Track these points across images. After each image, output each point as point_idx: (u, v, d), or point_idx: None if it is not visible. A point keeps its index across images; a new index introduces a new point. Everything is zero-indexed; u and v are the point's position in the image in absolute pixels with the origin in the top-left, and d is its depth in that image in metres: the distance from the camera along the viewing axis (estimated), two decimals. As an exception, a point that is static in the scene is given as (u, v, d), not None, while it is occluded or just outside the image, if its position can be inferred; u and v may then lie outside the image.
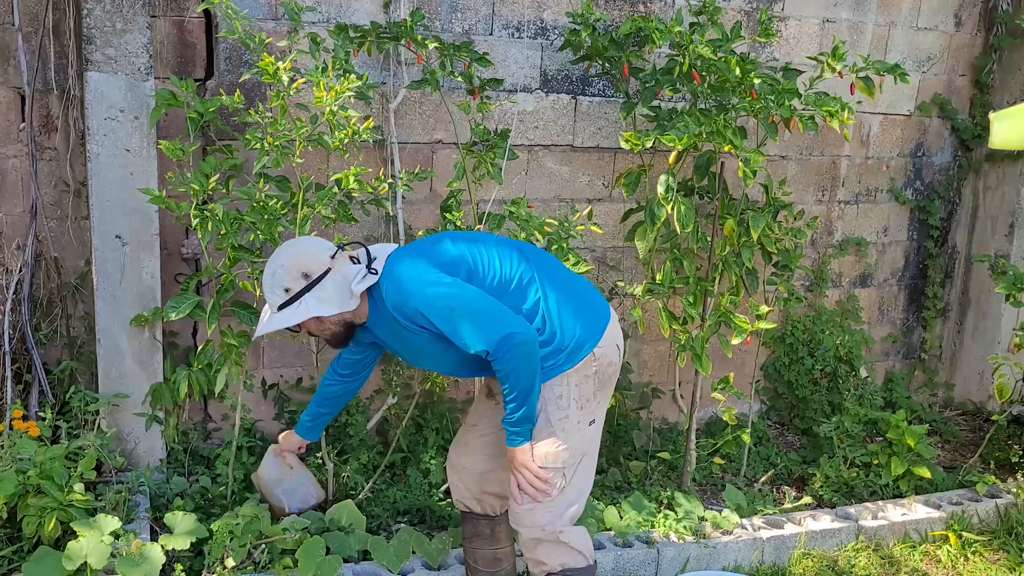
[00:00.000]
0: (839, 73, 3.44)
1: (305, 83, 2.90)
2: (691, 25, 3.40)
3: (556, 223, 3.10)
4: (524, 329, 2.27)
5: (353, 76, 2.84)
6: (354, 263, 2.43)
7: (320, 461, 3.32)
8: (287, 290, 2.37)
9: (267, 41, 2.99)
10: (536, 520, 2.43)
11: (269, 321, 2.45)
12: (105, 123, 3.02)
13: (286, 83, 2.84)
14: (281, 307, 2.40)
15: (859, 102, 3.74)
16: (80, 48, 3.06)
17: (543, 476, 2.39)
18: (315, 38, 3.07)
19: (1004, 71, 4.63)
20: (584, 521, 2.53)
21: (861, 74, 3.49)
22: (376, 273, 2.38)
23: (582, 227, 3.16)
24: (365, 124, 2.90)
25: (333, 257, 2.41)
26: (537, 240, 3.07)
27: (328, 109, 2.82)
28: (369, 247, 2.46)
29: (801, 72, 3.58)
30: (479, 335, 2.25)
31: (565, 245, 3.10)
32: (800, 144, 4.30)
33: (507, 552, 2.78)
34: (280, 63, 2.83)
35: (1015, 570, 3.39)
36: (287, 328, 2.43)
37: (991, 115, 2.50)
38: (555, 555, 2.47)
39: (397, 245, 2.51)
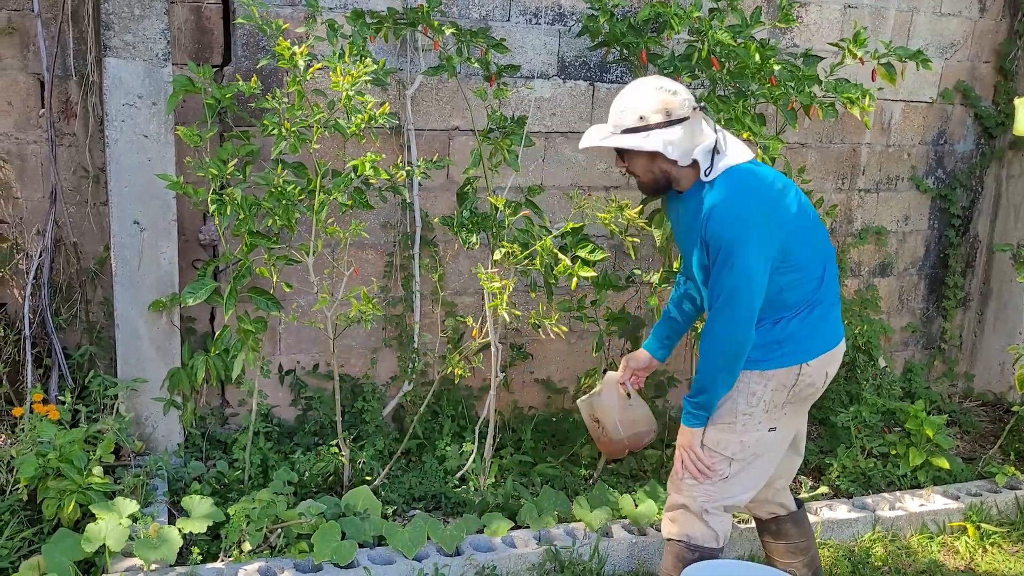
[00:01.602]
0: (860, 59, 3.40)
1: (322, 69, 2.89)
2: (710, 11, 3.36)
3: (609, 216, 3.05)
4: (746, 335, 2.36)
5: (369, 61, 2.84)
6: (710, 129, 2.44)
7: (336, 447, 3.34)
8: (642, 118, 2.39)
9: (284, 27, 2.98)
10: (693, 494, 2.53)
11: (612, 137, 2.44)
12: (123, 109, 3.03)
13: (303, 68, 2.84)
14: (627, 131, 2.41)
15: (880, 89, 3.69)
16: (99, 34, 3.07)
17: (706, 462, 2.48)
18: (333, 24, 3.07)
19: (1029, 58, 4.56)
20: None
21: (883, 60, 3.44)
22: (722, 156, 2.39)
23: (631, 214, 3.10)
24: (381, 109, 2.89)
25: (695, 110, 2.42)
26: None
27: (344, 94, 2.81)
28: (725, 132, 2.48)
29: (822, 58, 3.54)
30: (719, 299, 2.34)
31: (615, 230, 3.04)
32: (820, 132, 4.26)
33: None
34: (297, 48, 2.83)
35: (1034, 562, 3.36)
36: (617, 152, 2.47)
37: (1016, 100, 2.47)
38: (688, 525, 2.55)
39: (750, 155, 2.47)
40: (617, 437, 2.84)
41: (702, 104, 2.53)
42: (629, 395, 2.84)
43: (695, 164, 2.42)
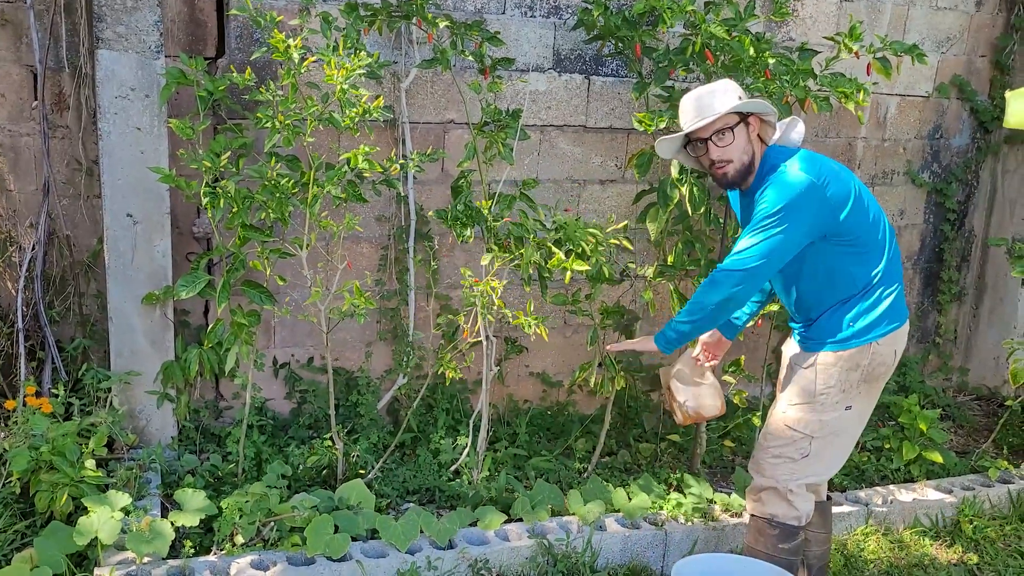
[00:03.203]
0: (856, 54, 3.39)
1: (316, 62, 2.88)
2: (706, 4, 3.36)
3: (597, 237, 3.08)
4: (742, 287, 2.50)
5: (364, 54, 2.83)
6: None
7: (330, 440, 3.34)
8: (740, 97, 2.55)
9: (278, 19, 2.97)
10: (776, 473, 2.68)
11: (739, 104, 2.52)
12: (116, 101, 3.02)
13: (297, 61, 2.83)
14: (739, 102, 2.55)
15: (875, 83, 3.69)
16: (91, 26, 3.06)
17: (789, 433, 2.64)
18: (327, 17, 3.06)
19: (1025, 52, 4.56)
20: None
21: (878, 55, 3.43)
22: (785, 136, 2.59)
23: (615, 241, 3.14)
24: (375, 103, 2.88)
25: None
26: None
27: (339, 87, 2.80)
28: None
29: (817, 52, 3.53)
30: (743, 256, 2.49)
31: (602, 259, 3.09)
32: (816, 126, 4.25)
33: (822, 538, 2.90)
34: (291, 41, 2.82)
35: (1026, 556, 3.37)
36: (711, 138, 2.55)
37: (1007, 94, 2.47)
38: (773, 504, 2.69)
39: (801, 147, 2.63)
40: (681, 406, 2.95)
41: (766, 94, 2.76)
42: (704, 373, 2.96)
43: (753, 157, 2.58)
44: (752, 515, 2.76)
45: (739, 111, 2.54)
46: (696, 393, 2.92)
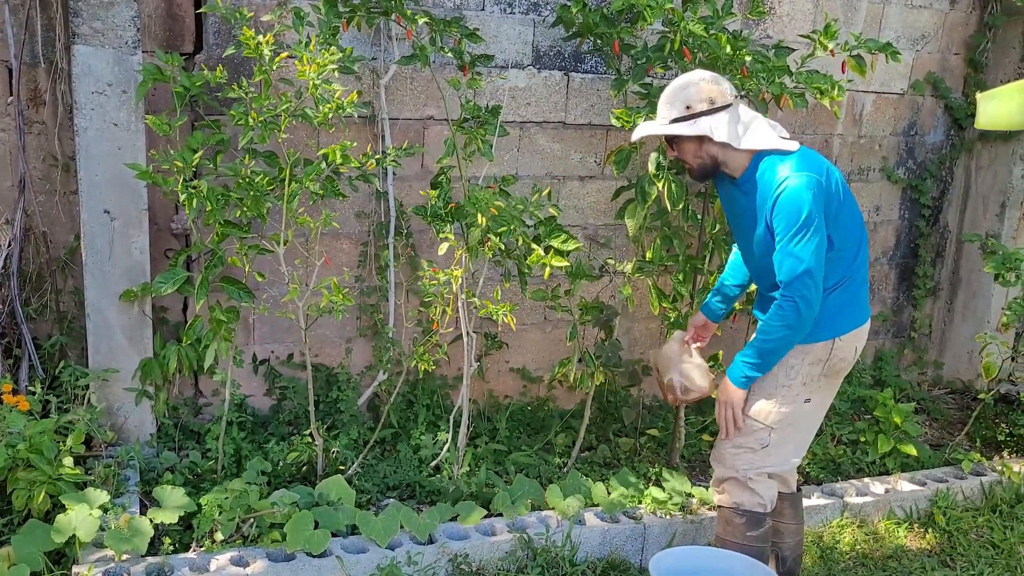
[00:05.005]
0: (831, 51, 3.43)
1: (290, 57, 2.88)
2: (684, 2, 3.38)
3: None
4: (818, 306, 2.54)
5: (335, 49, 2.83)
6: (751, 113, 2.65)
7: (310, 436, 3.34)
8: (689, 107, 2.60)
9: (249, 16, 2.96)
10: (736, 463, 2.76)
11: (662, 127, 2.65)
12: (93, 97, 3.00)
13: (268, 58, 2.82)
14: (675, 121, 2.62)
15: (850, 80, 3.73)
16: (67, 21, 3.04)
17: (739, 419, 2.70)
18: (298, 12, 3.05)
19: (998, 50, 4.62)
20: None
21: (853, 52, 3.47)
22: (774, 140, 2.59)
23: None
24: (350, 98, 2.88)
25: (736, 98, 2.64)
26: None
27: (311, 83, 2.80)
28: (767, 119, 2.70)
29: (793, 50, 3.56)
30: (792, 273, 2.51)
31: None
32: (793, 123, 4.29)
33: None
34: (261, 37, 2.81)
35: (998, 546, 3.42)
36: (665, 142, 2.70)
37: (979, 96, 2.50)
38: (736, 493, 2.77)
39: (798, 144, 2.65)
40: (668, 386, 3.01)
41: (743, 92, 2.73)
42: (691, 354, 3.02)
43: (747, 151, 2.61)
44: (720, 506, 2.84)
45: (656, 133, 2.68)
46: (684, 371, 2.98)
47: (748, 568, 2.68)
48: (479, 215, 2.96)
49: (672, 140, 2.69)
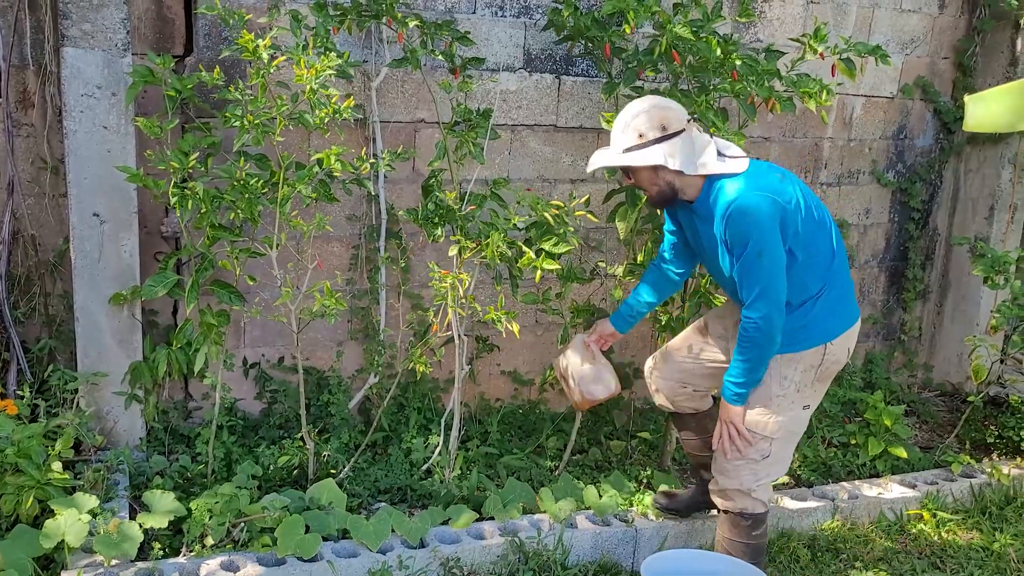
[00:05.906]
0: (820, 55, 3.44)
1: (286, 61, 2.87)
2: (675, 6, 3.39)
3: (562, 206, 3.09)
4: (781, 318, 2.56)
5: (333, 54, 2.82)
6: (706, 137, 2.62)
7: (301, 440, 3.33)
8: (641, 136, 2.56)
9: (247, 17, 2.96)
10: (739, 476, 2.78)
11: (616, 157, 2.61)
12: (82, 100, 2.99)
13: (266, 60, 2.82)
14: (628, 150, 2.58)
15: (840, 84, 3.75)
16: (56, 23, 3.03)
17: (747, 437, 2.71)
18: (296, 15, 3.05)
19: (986, 54, 4.65)
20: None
21: (843, 56, 3.49)
22: (724, 163, 2.56)
23: (580, 213, 3.15)
24: (346, 103, 2.88)
25: (688, 122, 2.60)
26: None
27: (308, 87, 2.80)
28: (718, 139, 2.67)
29: (783, 54, 3.58)
30: (753, 291, 2.53)
31: (569, 230, 3.09)
32: (783, 126, 4.31)
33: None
34: (260, 40, 2.81)
35: (988, 548, 3.44)
36: (621, 171, 2.70)
37: (966, 98, 2.52)
38: (740, 500, 2.81)
39: (744, 155, 2.65)
40: (575, 389, 3.03)
41: (695, 115, 2.73)
42: (594, 356, 3.03)
43: (701, 176, 2.58)
44: (724, 511, 2.86)
45: (609, 165, 2.65)
46: (585, 375, 2.99)
47: (748, 572, 2.70)
48: (495, 234, 2.97)
49: (627, 169, 2.67)
